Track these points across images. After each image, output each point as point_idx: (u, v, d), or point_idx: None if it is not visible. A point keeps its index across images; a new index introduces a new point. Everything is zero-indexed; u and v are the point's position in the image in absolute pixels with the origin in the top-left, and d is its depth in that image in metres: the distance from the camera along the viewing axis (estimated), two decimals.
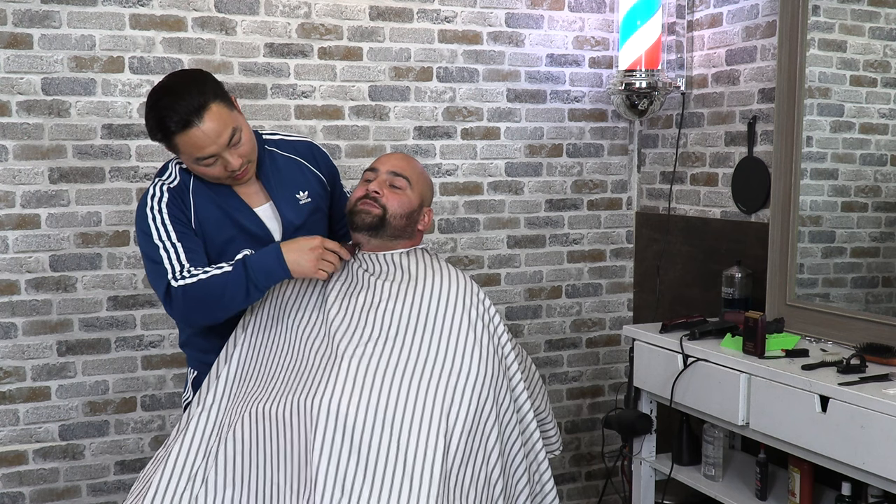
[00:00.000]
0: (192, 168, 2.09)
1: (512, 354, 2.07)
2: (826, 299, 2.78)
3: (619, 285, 3.67)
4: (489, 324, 2.03)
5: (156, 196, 2.11)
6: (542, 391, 2.29)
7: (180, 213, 2.10)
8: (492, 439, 1.95)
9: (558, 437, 2.35)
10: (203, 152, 2.01)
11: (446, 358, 1.94)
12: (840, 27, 2.74)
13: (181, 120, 1.97)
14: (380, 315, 1.98)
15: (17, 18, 2.78)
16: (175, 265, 2.04)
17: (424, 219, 2.15)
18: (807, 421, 2.23)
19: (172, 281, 2.02)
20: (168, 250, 2.05)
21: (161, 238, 2.06)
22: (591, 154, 3.57)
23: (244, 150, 2.07)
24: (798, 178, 2.75)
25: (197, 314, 2.07)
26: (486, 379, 1.95)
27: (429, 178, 2.21)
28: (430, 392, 1.89)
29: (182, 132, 1.98)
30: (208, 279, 2.01)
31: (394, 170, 2.11)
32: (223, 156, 2.04)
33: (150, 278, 2.11)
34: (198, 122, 1.98)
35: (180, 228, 2.09)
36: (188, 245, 2.07)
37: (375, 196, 2.07)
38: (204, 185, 2.15)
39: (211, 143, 2.00)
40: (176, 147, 2.03)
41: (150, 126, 2.03)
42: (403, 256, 2.10)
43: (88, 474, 3.00)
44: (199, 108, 1.98)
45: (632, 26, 3.26)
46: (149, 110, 2.02)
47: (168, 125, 1.98)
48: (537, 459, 2.13)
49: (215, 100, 2.01)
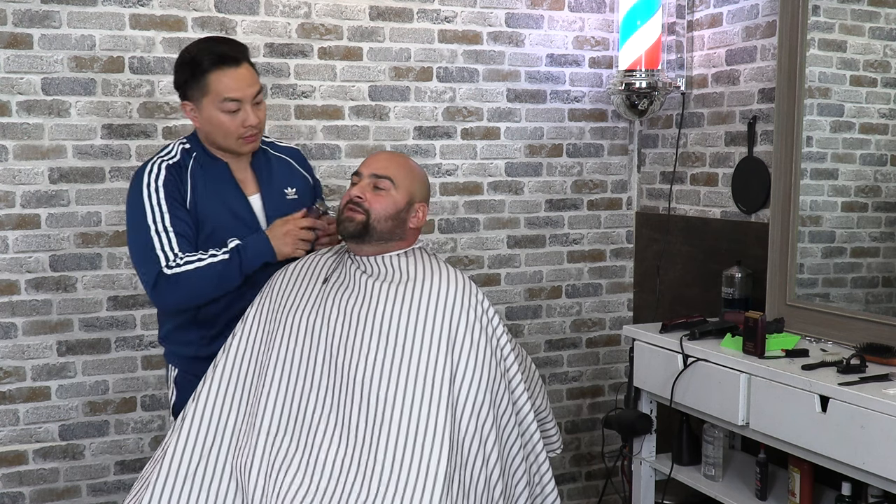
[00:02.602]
0: (209, 117, 2.14)
1: (511, 356, 2.06)
2: (826, 299, 2.78)
3: (619, 285, 3.67)
4: (487, 325, 2.02)
5: (153, 173, 2.15)
6: (542, 391, 2.29)
7: (176, 191, 2.15)
8: (490, 441, 1.95)
9: (559, 436, 2.34)
10: (232, 93, 2.10)
11: (444, 361, 1.92)
12: (840, 27, 2.74)
13: (219, 57, 2.09)
14: (377, 318, 1.96)
15: (17, 18, 2.78)
16: (168, 253, 2.09)
17: (417, 216, 2.11)
18: (807, 421, 2.23)
19: (166, 269, 2.08)
20: (160, 235, 2.10)
21: (155, 219, 2.11)
22: (591, 154, 3.57)
23: (262, 115, 2.19)
24: (798, 178, 2.75)
25: (187, 298, 2.13)
26: (483, 381, 1.94)
27: (420, 173, 2.17)
28: (426, 396, 1.88)
29: (217, 69, 2.09)
30: (204, 267, 2.09)
31: (375, 172, 2.08)
32: (246, 108, 2.13)
33: (135, 258, 2.15)
34: (234, 65, 2.11)
35: (174, 210, 2.13)
36: (180, 230, 2.12)
37: (358, 201, 2.05)
38: (202, 169, 2.20)
39: (242, 87, 2.11)
40: (205, 85, 2.10)
41: (184, 61, 2.12)
42: (401, 258, 2.08)
43: (88, 474, 3.00)
44: (237, 56, 2.12)
45: (632, 26, 3.26)
46: (186, 50, 2.14)
47: (203, 59, 2.09)
48: (538, 461, 2.12)
49: (250, 63, 2.17)
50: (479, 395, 1.93)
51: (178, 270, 2.08)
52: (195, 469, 1.96)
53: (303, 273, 2.13)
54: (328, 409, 1.92)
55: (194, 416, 2.00)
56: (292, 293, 2.10)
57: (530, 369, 2.26)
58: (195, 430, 1.99)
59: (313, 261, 2.16)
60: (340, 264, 2.12)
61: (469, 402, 1.92)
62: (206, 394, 2.02)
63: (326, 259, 2.16)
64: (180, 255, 2.09)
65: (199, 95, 2.13)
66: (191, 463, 1.96)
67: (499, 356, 2.02)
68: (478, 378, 1.94)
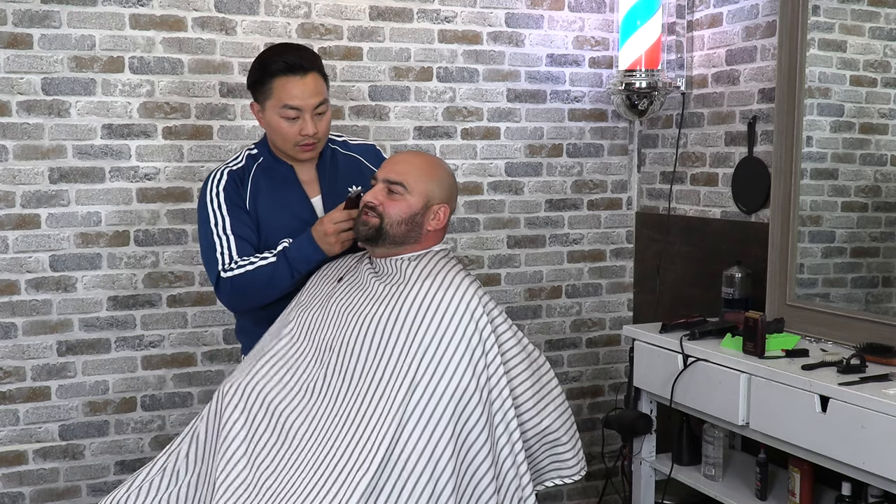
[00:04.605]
0: (270, 120, 2.19)
1: (504, 379, 1.96)
2: (826, 299, 2.78)
3: (619, 285, 3.67)
4: (477, 340, 1.93)
5: (216, 179, 2.26)
6: (559, 410, 2.11)
7: (236, 195, 2.23)
8: (444, 459, 1.84)
9: (577, 459, 2.15)
10: (293, 101, 2.14)
11: (407, 368, 1.87)
12: (840, 27, 2.74)
13: (288, 65, 2.14)
14: (364, 320, 1.95)
15: (17, 18, 2.78)
16: (226, 257, 2.18)
17: (437, 217, 2.08)
18: (807, 421, 2.23)
19: (222, 272, 2.18)
20: (221, 238, 2.19)
21: (217, 224, 2.21)
22: (591, 154, 3.57)
23: (323, 126, 2.21)
24: (798, 178, 2.75)
25: (243, 300, 2.23)
26: (445, 397, 1.86)
27: (441, 174, 2.11)
28: (381, 404, 1.84)
29: (283, 75, 2.14)
30: (254, 270, 2.16)
31: (388, 177, 2.06)
32: (305, 117, 2.16)
33: (205, 262, 2.27)
34: (301, 74, 2.15)
35: (235, 214, 2.21)
36: (240, 233, 2.20)
37: (373, 205, 2.05)
38: (266, 173, 2.27)
39: (305, 96, 2.15)
40: (269, 89, 2.16)
41: (255, 65, 2.20)
42: (412, 261, 2.05)
43: (88, 474, 2.99)
44: (304, 65, 2.16)
45: (632, 26, 3.26)
46: (261, 53, 2.22)
47: (271, 65, 2.15)
48: (521, 484, 1.99)
49: (321, 73, 2.21)
50: (436, 411, 1.85)
51: (232, 274, 2.17)
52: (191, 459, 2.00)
53: (327, 271, 2.18)
54: (301, 410, 1.92)
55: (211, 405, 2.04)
56: (312, 291, 2.14)
57: (546, 386, 2.11)
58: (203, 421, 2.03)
59: (341, 260, 2.19)
60: (360, 264, 2.14)
61: (424, 415, 1.84)
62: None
63: (352, 258, 2.19)
64: (237, 258, 2.17)
65: (263, 98, 2.19)
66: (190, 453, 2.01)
67: (486, 373, 1.93)
68: (440, 392, 1.86)
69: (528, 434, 2.05)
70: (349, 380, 1.90)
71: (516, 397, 2.01)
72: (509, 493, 1.98)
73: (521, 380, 2.03)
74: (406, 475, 1.82)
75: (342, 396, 1.89)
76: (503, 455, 1.96)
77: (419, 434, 1.83)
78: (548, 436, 2.09)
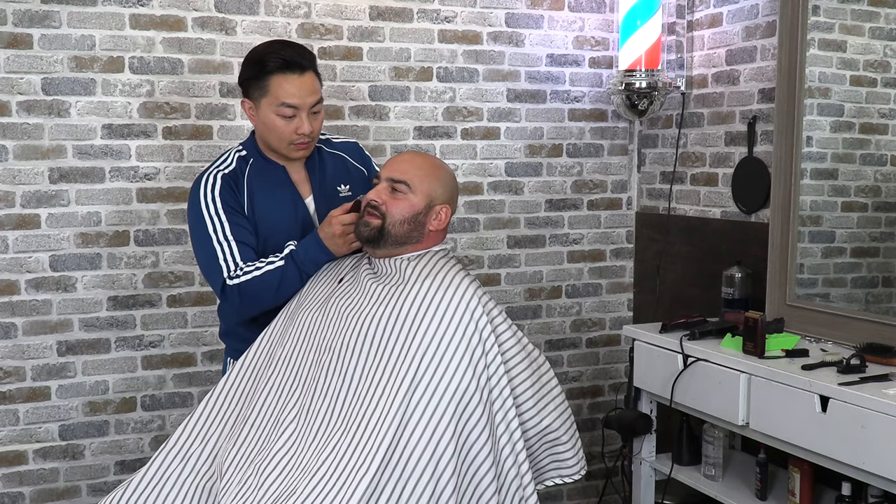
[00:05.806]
0: (265, 118, 2.16)
1: (504, 379, 1.96)
2: (826, 299, 2.78)
3: (619, 285, 3.67)
4: (479, 344, 1.92)
5: (209, 183, 2.18)
6: (558, 409, 2.11)
7: (233, 199, 2.18)
8: (445, 457, 1.84)
9: (577, 458, 2.15)
10: (291, 99, 2.12)
11: (406, 368, 1.86)
12: (840, 27, 2.74)
13: (285, 62, 2.11)
14: (361, 320, 1.94)
15: (17, 18, 2.78)
16: (230, 264, 2.13)
17: (439, 217, 2.08)
18: (807, 421, 2.23)
19: (228, 280, 2.12)
20: (222, 244, 2.14)
21: (216, 230, 2.14)
22: (591, 154, 3.57)
23: (317, 125, 2.20)
24: (798, 178, 2.75)
25: (252, 307, 2.16)
26: (446, 396, 1.86)
27: (443, 173, 2.12)
28: (380, 403, 1.83)
29: (280, 72, 2.11)
30: (262, 275, 2.11)
31: (392, 176, 2.06)
32: (301, 115, 2.14)
33: (204, 271, 2.21)
34: (299, 72, 2.13)
35: (233, 219, 2.16)
36: (241, 238, 2.15)
37: (375, 204, 2.05)
38: (259, 175, 2.23)
39: (302, 94, 2.13)
40: (266, 87, 2.13)
41: (250, 60, 2.16)
42: (412, 261, 2.04)
43: (88, 474, 3.00)
44: (304, 64, 2.14)
45: (632, 26, 3.26)
46: (255, 49, 2.18)
47: (268, 61, 2.11)
48: (522, 484, 1.99)
49: (316, 73, 2.19)
50: (437, 410, 1.85)
51: (239, 281, 2.11)
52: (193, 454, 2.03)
53: (327, 272, 2.17)
54: (299, 410, 1.92)
55: (205, 406, 2.06)
56: (311, 291, 2.13)
57: (546, 386, 2.11)
58: (203, 419, 2.04)
59: (341, 261, 2.18)
60: (360, 264, 2.13)
61: (425, 415, 1.84)
62: (222, 386, 2.08)
63: (352, 259, 2.17)
64: (241, 264, 2.12)
65: (258, 95, 2.15)
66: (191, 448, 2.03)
67: (486, 373, 1.93)
68: (440, 392, 1.86)
69: (529, 433, 2.05)
70: (349, 380, 1.90)
71: (516, 397, 2.01)
72: (510, 492, 1.98)
73: (521, 379, 2.03)
74: (407, 475, 1.81)
75: (342, 397, 1.89)
76: (504, 454, 1.96)
77: (420, 434, 1.83)
78: (548, 435, 2.09)
